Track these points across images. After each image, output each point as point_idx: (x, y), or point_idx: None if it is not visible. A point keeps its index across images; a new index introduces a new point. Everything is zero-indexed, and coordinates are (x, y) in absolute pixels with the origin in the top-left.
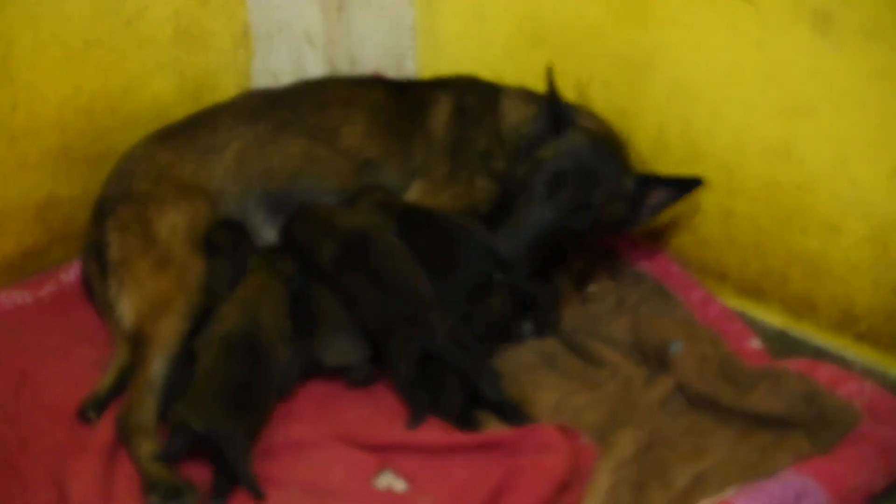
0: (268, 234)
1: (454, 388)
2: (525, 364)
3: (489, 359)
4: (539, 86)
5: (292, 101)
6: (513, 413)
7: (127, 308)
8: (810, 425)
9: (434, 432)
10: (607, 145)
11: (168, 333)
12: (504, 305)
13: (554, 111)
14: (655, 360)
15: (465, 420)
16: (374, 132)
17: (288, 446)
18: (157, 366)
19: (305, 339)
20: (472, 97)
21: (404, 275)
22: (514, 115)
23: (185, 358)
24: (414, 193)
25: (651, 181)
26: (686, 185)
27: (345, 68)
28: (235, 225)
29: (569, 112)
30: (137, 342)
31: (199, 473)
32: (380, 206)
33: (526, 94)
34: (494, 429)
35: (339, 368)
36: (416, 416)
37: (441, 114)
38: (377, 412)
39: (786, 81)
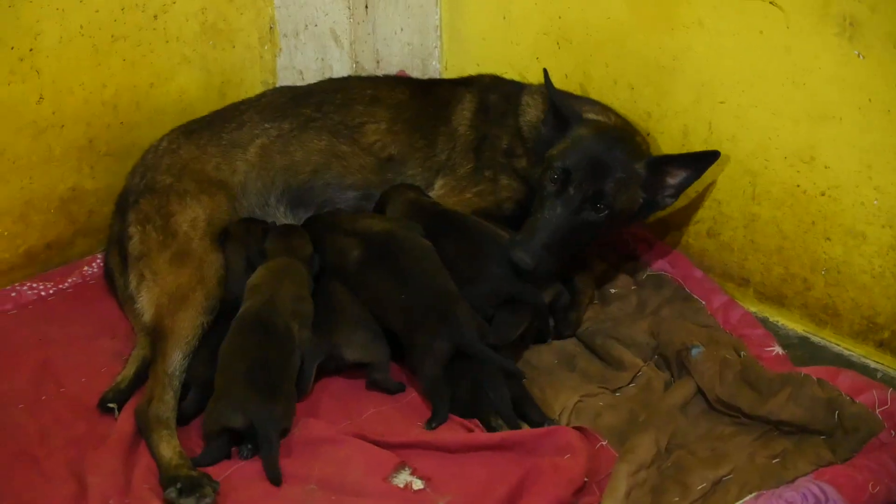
0: None
1: (474, 387)
2: (545, 365)
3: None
4: (564, 86)
5: (317, 99)
6: (531, 414)
7: (146, 301)
8: (831, 433)
9: (453, 432)
10: (613, 135)
11: (186, 327)
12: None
13: (556, 111)
14: (676, 363)
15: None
16: (397, 129)
17: (307, 442)
18: (176, 359)
19: (326, 334)
20: (495, 95)
21: (431, 273)
22: (532, 113)
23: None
24: (438, 191)
25: (665, 161)
26: (704, 160)
27: (370, 66)
28: (254, 220)
29: (571, 110)
30: (156, 335)
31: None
32: (411, 204)
33: (544, 97)
34: (514, 430)
35: (359, 364)
36: (437, 417)
37: (465, 111)
38: (397, 410)
39: (811, 87)
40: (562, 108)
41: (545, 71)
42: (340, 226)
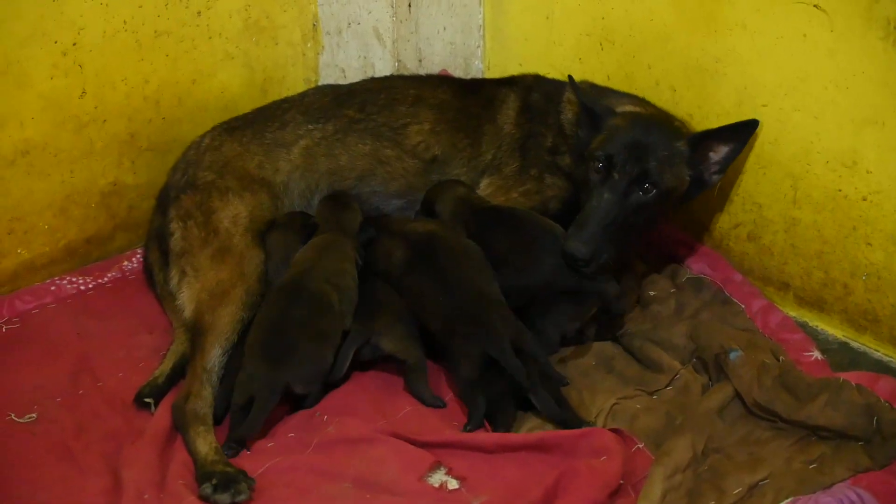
0: None
1: (507, 394)
2: (583, 367)
3: (552, 365)
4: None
5: (360, 99)
6: (568, 417)
7: (187, 297)
8: (869, 438)
9: (489, 432)
10: (650, 119)
11: (226, 323)
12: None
13: (588, 111)
14: (714, 367)
15: (499, 418)
16: (440, 130)
17: (342, 441)
18: (215, 355)
19: (367, 320)
20: (538, 94)
21: (470, 275)
22: (573, 111)
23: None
24: (484, 190)
25: (705, 136)
26: (744, 130)
27: (412, 65)
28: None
29: (602, 106)
30: (196, 331)
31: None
32: (460, 200)
33: (588, 88)
34: (549, 431)
35: (391, 358)
36: (472, 421)
37: (510, 110)
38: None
39: (855, 91)
40: (593, 106)
41: (570, 77)
42: (387, 227)
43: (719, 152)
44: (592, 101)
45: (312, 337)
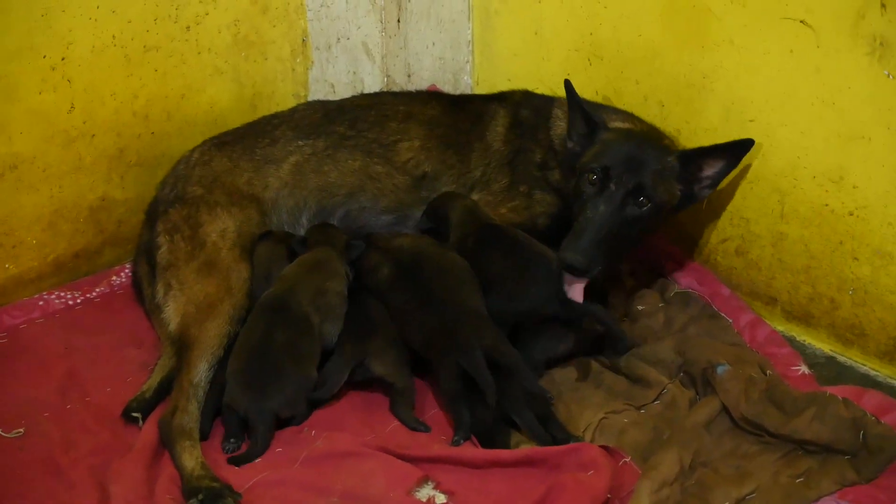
0: None
1: (485, 406)
2: (570, 381)
3: (536, 380)
4: (595, 101)
5: (350, 116)
6: (555, 433)
7: (172, 310)
8: (855, 452)
9: (477, 448)
10: (641, 135)
11: (213, 336)
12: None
13: (585, 116)
14: (701, 381)
15: (492, 439)
16: (431, 146)
17: (330, 455)
18: (202, 369)
19: (359, 342)
20: (527, 110)
21: (452, 291)
22: (562, 126)
23: None
24: None
25: (698, 154)
26: (738, 148)
27: (401, 80)
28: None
29: (597, 116)
30: (182, 345)
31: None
32: (469, 211)
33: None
34: (537, 447)
35: (381, 380)
36: (459, 432)
37: (498, 126)
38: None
39: (841, 106)
40: (589, 114)
41: (567, 81)
42: (375, 243)
43: (712, 168)
44: (590, 106)
45: (296, 359)
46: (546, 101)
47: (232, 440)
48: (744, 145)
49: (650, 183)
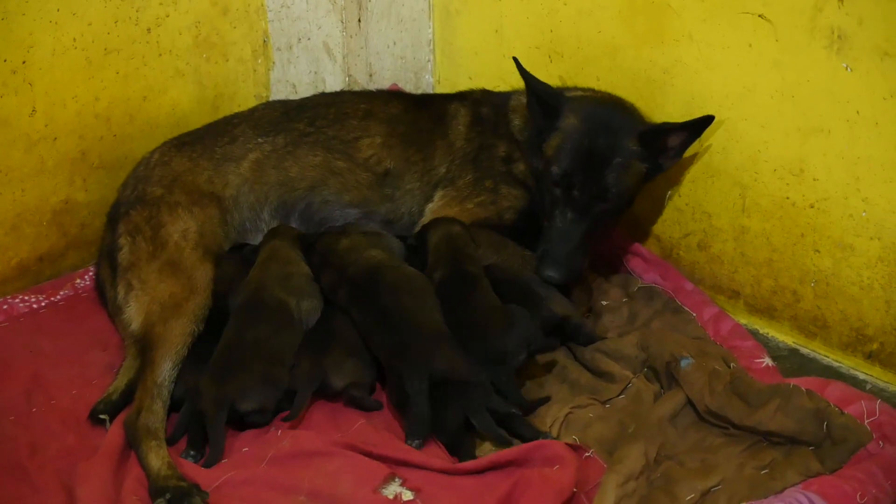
0: None
1: (451, 415)
2: (536, 377)
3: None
4: None
5: (310, 114)
6: (523, 430)
7: (134, 310)
8: (819, 443)
9: (443, 452)
10: (603, 114)
11: (177, 335)
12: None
13: (539, 98)
14: (665, 375)
15: (459, 447)
16: (392, 144)
17: (297, 454)
18: (165, 368)
19: (317, 360)
20: (486, 107)
21: (403, 310)
22: (519, 115)
23: None
24: (438, 202)
25: (661, 131)
26: (700, 124)
27: (363, 80)
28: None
29: (553, 92)
30: (145, 345)
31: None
32: (446, 244)
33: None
34: (500, 452)
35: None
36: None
37: (460, 125)
38: (386, 422)
39: (801, 100)
40: (543, 93)
41: (515, 59)
42: (332, 261)
43: (676, 140)
44: (543, 86)
45: (263, 356)
46: (503, 97)
47: (192, 452)
48: (705, 121)
49: (613, 180)
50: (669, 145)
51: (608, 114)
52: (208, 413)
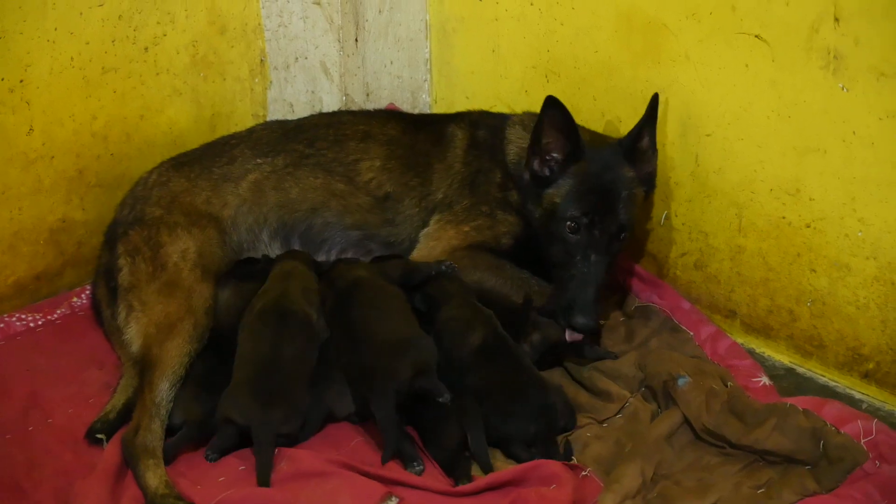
0: None
1: (447, 434)
2: None
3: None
4: None
5: (309, 135)
6: (518, 452)
7: (134, 332)
8: (816, 463)
9: (440, 472)
10: (602, 155)
11: (174, 356)
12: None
13: (568, 142)
14: (662, 394)
15: (455, 467)
16: (391, 167)
17: (295, 475)
18: (164, 388)
19: (321, 392)
20: (483, 130)
21: (371, 327)
22: (514, 151)
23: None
24: (433, 226)
25: (631, 143)
26: (651, 110)
27: (360, 99)
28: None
29: (581, 143)
30: (144, 365)
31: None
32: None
33: (527, 120)
34: (497, 472)
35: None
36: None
37: (457, 149)
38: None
39: (797, 120)
40: (578, 139)
41: (553, 99)
42: (330, 274)
43: (645, 140)
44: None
45: (300, 375)
46: (500, 120)
47: (215, 453)
48: (653, 104)
49: (627, 216)
50: (642, 148)
51: (603, 150)
52: (261, 441)
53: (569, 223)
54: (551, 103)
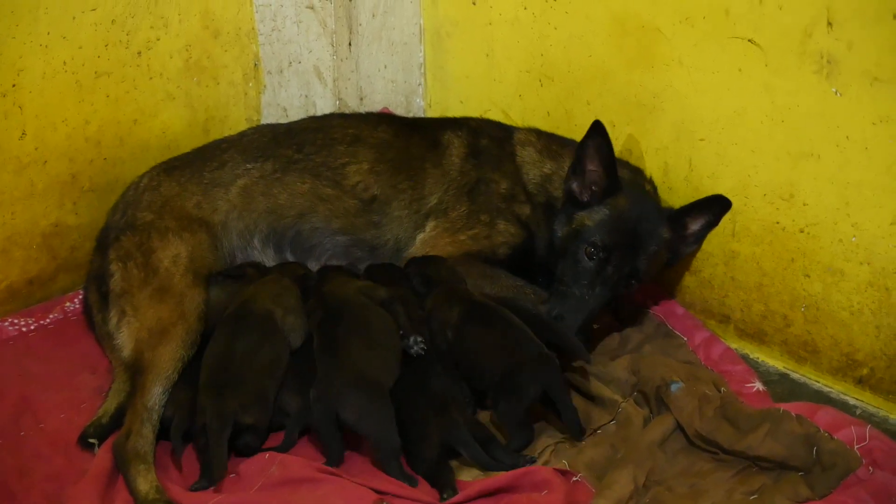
0: None
1: (427, 447)
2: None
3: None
4: (546, 124)
5: (298, 139)
6: (501, 457)
7: (126, 336)
8: (809, 469)
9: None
10: (647, 204)
11: (166, 360)
12: None
13: (605, 172)
14: (655, 399)
15: (438, 478)
16: (380, 170)
17: (286, 480)
18: (156, 393)
19: (306, 400)
20: (486, 139)
21: (356, 348)
22: (534, 171)
23: None
24: (430, 232)
25: (683, 213)
26: (717, 204)
27: (353, 104)
28: (264, 268)
29: (618, 176)
30: (136, 370)
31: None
32: (449, 295)
33: (536, 140)
34: (488, 479)
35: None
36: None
37: (454, 156)
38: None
39: (791, 125)
40: (615, 171)
41: (599, 124)
42: (320, 288)
43: (696, 224)
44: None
45: (256, 368)
46: (505, 132)
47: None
48: (722, 203)
49: (644, 267)
50: (689, 230)
51: (650, 201)
52: (212, 428)
53: (589, 248)
54: (599, 130)
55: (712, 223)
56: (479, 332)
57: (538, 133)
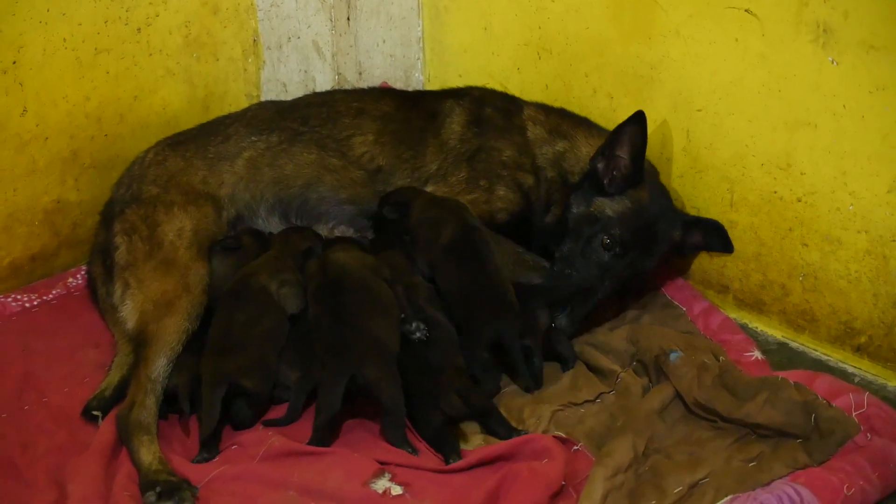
0: None
1: (431, 413)
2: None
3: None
4: (544, 96)
5: (303, 113)
6: (498, 427)
7: (130, 309)
8: (807, 436)
9: (433, 456)
10: (666, 204)
11: (171, 332)
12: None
13: (633, 164)
14: (654, 369)
15: (443, 444)
16: (384, 141)
17: (287, 451)
18: (160, 364)
19: (309, 369)
20: (490, 108)
21: (358, 315)
22: (548, 149)
23: None
24: None
25: (694, 224)
26: (724, 238)
27: (353, 78)
28: (261, 235)
29: (646, 172)
30: (140, 342)
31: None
32: (441, 208)
33: (545, 116)
34: (488, 447)
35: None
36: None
37: (454, 124)
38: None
39: (787, 94)
40: (644, 165)
41: (641, 114)
42: (322, 252)
43: (696, 239)
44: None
45: (257, 339)
46: (513, 104)
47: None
48: (728, 243)
49: (652, 263)
50: (693, 239)
51: (668, 199)
52: (206, 383)
53: (606, 239)
54: (639, 120)
55: (712, 246)
56: (450, 271)
57: (546, 109)
